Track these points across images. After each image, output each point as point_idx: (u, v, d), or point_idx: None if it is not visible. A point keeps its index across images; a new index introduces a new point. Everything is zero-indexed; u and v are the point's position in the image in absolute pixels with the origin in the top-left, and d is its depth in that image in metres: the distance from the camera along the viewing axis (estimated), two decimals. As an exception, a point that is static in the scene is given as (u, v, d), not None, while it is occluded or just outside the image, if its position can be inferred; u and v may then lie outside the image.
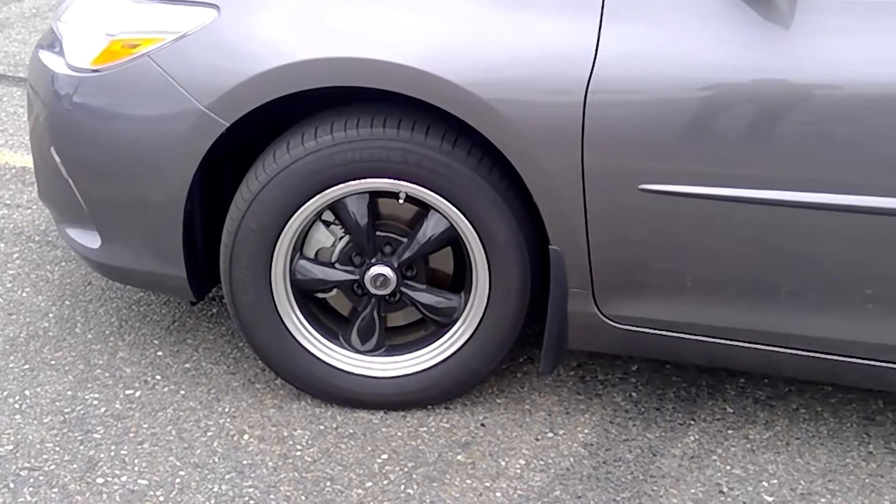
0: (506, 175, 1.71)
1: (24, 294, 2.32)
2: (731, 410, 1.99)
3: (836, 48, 1.55)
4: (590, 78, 1.59)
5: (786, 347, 1.75)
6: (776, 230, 1.65)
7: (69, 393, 1.97)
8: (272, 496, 1.69)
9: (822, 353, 1.74)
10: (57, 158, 1.94)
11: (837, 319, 1.71)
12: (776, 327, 1.73)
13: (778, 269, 1.70)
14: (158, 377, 2.04)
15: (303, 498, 1.66)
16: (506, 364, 2.05)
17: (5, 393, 1.95)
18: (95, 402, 1.95)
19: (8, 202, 2.76)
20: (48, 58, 1.98)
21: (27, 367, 2.03)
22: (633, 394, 2.03)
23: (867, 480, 1.78)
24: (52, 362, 2.04)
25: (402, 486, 1.72)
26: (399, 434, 1.86)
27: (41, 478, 1.70)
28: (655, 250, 1.72)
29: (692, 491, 1.72)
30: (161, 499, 1.67)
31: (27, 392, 1.96)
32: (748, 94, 1.58)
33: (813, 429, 1.95)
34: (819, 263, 1.67)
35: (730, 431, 1.92)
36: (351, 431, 1.86)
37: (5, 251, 2.56)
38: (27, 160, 2.81)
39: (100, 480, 1.71)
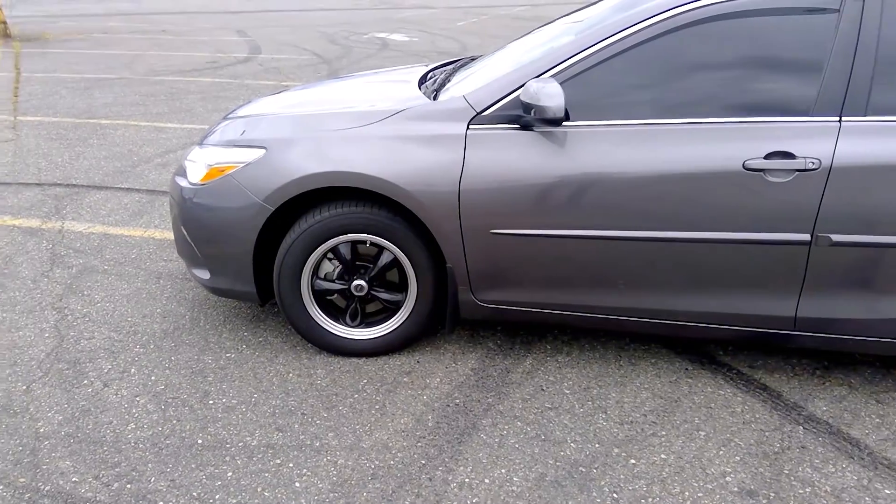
0: (423, 230, 2.55)
1: (174, 304, 3.18)
2: (550, 347, 2.87)
3: (588, 154, 2.34)
4: (461, 178, 2.43)
5: (602, 315, 2.55)
6: (573, 252, 2.43)
7: (197, 357, 2.78)
8: (305, 401, 2.52)
9: (618, 316, 2.55)
10: (185, 232, 2.74)
11: (610, 296, 2.50)
12: (592, 302, 2.52)
13: (582, 271, 2.46)
14: (244, 346, 2.87)
15: (319, 404, 2.51)
16: (430, 330, 2.79)
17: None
18: (209, 361, 2.75)
19: (165, 258, 3.68)
20: (179, 180, 2.84)
21: (173, 345, 2.86)
22: (499, 342, 2.90)
23: (619, 376, 2.62)
24: (188, 341, 2.89)
25: (373, 394, 2.57)
26: (373, 368, 2.70)
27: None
28: (503, 264, 2.53)
29: (527, 389, 2.60)
30: (244, 408, 2.48)
31: (173, 358, 2.74)
32: (544, 180, 2.37)
33: (598, 356, 2.80)
34: (603, 267, 2.45)
35: (548, 358, 2.80)
36: (347, 369, 2.72)
37: (163, 283, 3.39)
38: (170, 234, 3.72)
39: (212, 400, 2.47)
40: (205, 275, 2.79)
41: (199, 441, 2.25)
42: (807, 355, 2.77)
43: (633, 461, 2.18)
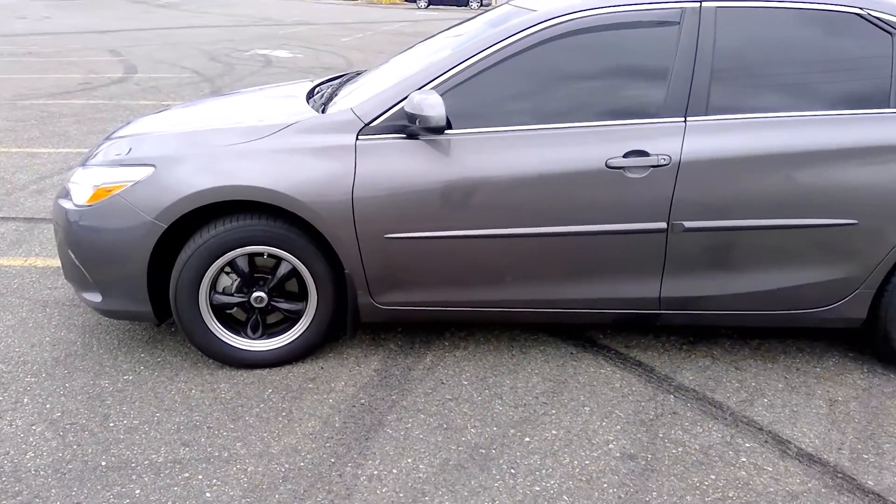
0: (319, 239, 2.63)
1: (64, 331, 3.07)
2: (448, 344, 3.04)
3: (470, 159, 2.52)
4: (353, 186, 2.55)
5: (493, 308, 2.72)
6: (463, 251, 2.60)
7: (93, 381, 2.72)
8: (210, 415, 2.54)
9: (508, 308, 2.72)
10: (73, 256, 2.71)
11: (499, 291, 2.67)
12: (483, 298, 2.69)
13: (471, 269, 2.63)
14: (142, 367, 2.85)
15: (225, 416, 2.53)
16: (332, 336, 2.91)
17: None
18: (106, 384, 2.72)
19: (50, 286, 3.54)
20: (63, 202, 2.78)
21: (66, 372, 2.78)
22: (399, 342, 3.04)
23: (512, 364, 2.79)
24: (82, 367, 2.81)
25: (279, 402, 2.63)
26: (277, 377, 2.77)
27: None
28: (399, 267, 2.65)
29: (428, 384, 2.75)
30: (147, 427, 2.46)
31: (67, 384, 2.68)
32: (431, 185, 2.52)
33: (492, 348, 2.98)
34: (490, 264, 2.62)
35: (446, 354, 2.97)
36: (251, 380, 2.76)
37: (50, 311, 3.28)
38: (53, 261, 3.56)
39: (112, 423, 2.45)
40: (96, 298, 2.73)
41: (103, 463, 2.22)
42: (675, 332, 3.07)
43: (527, 439, 2.36)
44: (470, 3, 36.65)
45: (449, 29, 3.33)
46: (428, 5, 39.19)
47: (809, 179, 2.46)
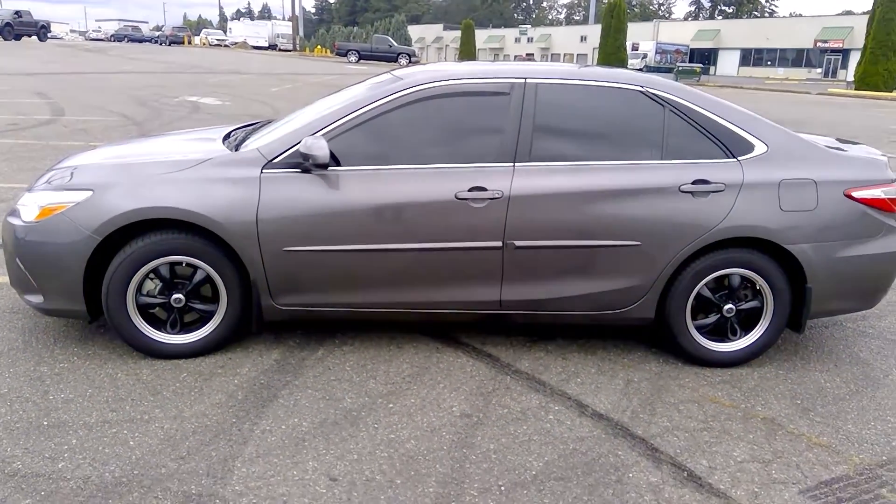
0: (229, 251, 3.28)
1: (5, 332, 3.52)
2: (338, 341, 3.70)
3: (350, 189, 3.24)
4: (258, 209, 3.21)
5: (373, 309, 3.40)
6: (345, 262, 3.29)
7: (34, 368, 3.24)
8: (134, 391, 3.10)
9: (385, 309, 3.41)
10: (20, 264, 3.27)
11: (377, 295, 3.36)
12: (364, 300, 3.37)
13: (352, 276, 3.32)
14: (76, 358, 3.39)
15: (146, 391, 3.10)
16: (241, 333, 3.49)
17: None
18: (45, 370, 3.24)
19: None
20: (12, 220, 3.36)
21: (10, 361, 3.29)
22: (297, 339, 3.68)
23: (388, 355, 3.35)
24: (24, 357, 3.33)
25: (193, 382, 3.23)
26: (192, 365, 3.38)
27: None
28: (294, 274, 3.33)
29: (318, 370, 3.40)
30: (81, 399, 2.99)
31: (12, 370, 3.16)
32: (320, 209, 3.22)
33: (373, 344, 3.64)
34: (367, 272, 3.32)
35: (335, 348, 3.62)
36: (169, 367, 3.36)
37: (13, 309, 3.66)
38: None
39: (52, 396, 2.96)
40: (38, 299, 3.28)
41: (45, 423, 2.77)
42: (521, 332, 3.82)
43: (391, 405, 3.03)
44: (399, 59, 38.01)
45: (345, 88, 4.09)
46: (358, 59, 40.29)
47: (604, 211, 3.29)
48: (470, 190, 3.25)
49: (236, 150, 3.43)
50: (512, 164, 3.30)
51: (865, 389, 3.40)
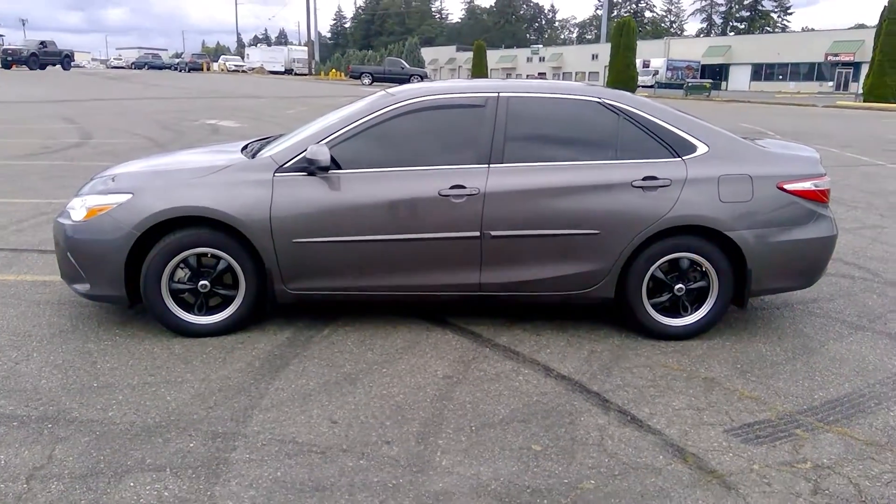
0: (247, 244, 3.85)
1: (56, 318, 4.17)
2: (341, 322, 4.27)
3: (350, 189, 3.83)
4: (271, 208, 3.78)
5: (373, 292, 3.98)
6: (347, 251, 3.87)
7: (82, 345, 3.83)
8: (168, 361, 3.67)
9: (383, 292, 3.99)
10: (71, 258, 3.85)
11: (376, 279, 3.93)
12: (365, 284, 3.95)
13: (354, 263, 3.90)
14: (117, 337, 3.97)
15: (179, 361, 3.67)
16: (257, 316, 4.02)
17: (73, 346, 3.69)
18: (92, 346, 3.84)
19: (40, 292, 4.70)
20: (63, 220, 3.99)
21: (62, 340, 3.88)
22: (307, 320, 4.24)
23: (385, 333, 3.90)
24: (73, 338, 3.93)
25: (217, 354, 3.78)
26: (216, 341, 3.96)
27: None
28: (303, 263, 3.91)
29: (323, 345, 3.93)
30: (124, 367, 3.53)
31: (64, 346, 3.72)
32: (324, 206, 3.82)
33: (372, 324, 4.17)
34: (367, 260, 3.88)
35: (339, 328, 4.18)
36: (197, 343, 3.94)
37: (42, 307, 4.39)
38: (40, 276, 4.62)
39: (99, 365, 3.50)
40: (86, 287, 3.88)
41: (95, 384, 3.34)
42: (502, 314, 4.35)
43: (384, 370, 3.58)
44: (411, 80, 38.91)
45: (346, 105, 4.68)
46: (372, 82, 41.24)
47: (568, 204, 3.84)
48: (451, 188, 3.80)
49: (253, 158, 4.03)
50: (487, 165, 3.85)
51: (801, 356, 3.89)
